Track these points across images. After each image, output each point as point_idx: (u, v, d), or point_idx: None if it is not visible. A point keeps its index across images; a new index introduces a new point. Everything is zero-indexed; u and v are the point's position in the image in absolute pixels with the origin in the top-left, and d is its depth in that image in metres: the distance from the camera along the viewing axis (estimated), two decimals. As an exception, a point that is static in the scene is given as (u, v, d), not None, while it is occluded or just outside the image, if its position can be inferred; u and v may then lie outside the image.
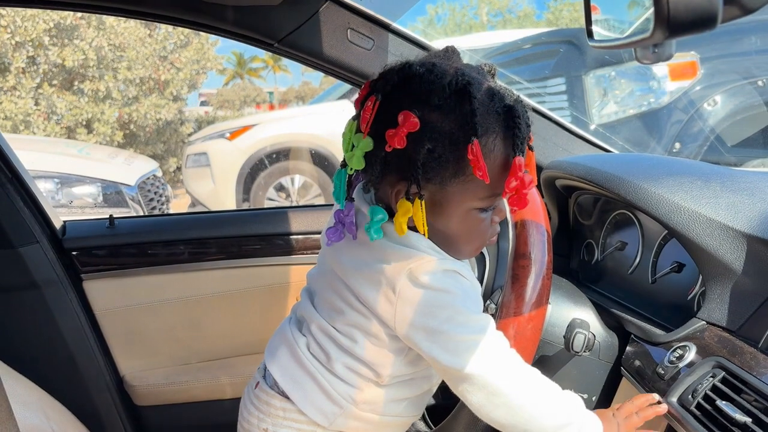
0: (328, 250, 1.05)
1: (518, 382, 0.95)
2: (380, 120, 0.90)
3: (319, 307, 1.05)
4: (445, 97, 0.89)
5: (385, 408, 1.05)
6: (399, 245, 0.95)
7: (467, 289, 0.95)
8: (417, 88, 0.90)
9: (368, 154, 0.92)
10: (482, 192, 0.93)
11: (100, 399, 1.79)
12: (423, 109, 0.88)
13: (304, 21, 1.47)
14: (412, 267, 0.92)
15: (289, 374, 1.05)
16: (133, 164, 5.18)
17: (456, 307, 0.93)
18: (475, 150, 0.86)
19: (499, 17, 17.18)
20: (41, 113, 8.82)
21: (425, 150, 0.88)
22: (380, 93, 0.91)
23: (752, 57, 3.87)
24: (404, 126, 0.87)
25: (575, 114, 4.05)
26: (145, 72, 9.50)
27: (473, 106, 0.88)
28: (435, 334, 0.92)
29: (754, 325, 0.99)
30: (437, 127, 0.89)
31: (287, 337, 1.08)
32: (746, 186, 1.14)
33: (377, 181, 0.94)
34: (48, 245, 1.74)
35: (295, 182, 5.84)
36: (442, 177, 0.91)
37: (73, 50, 8.77)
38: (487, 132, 0.89)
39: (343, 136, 0.96)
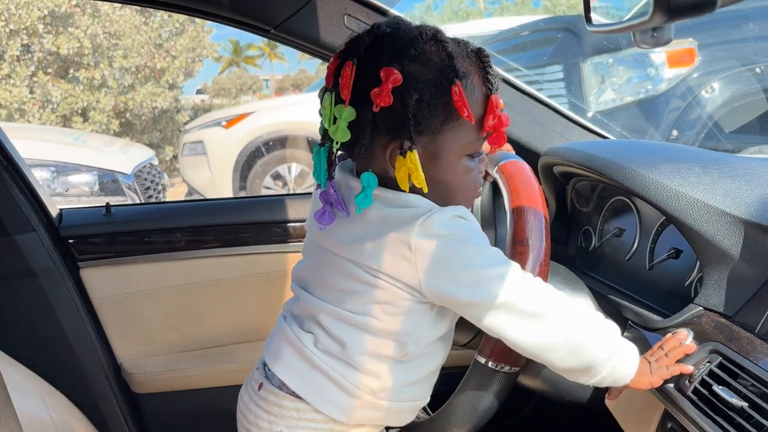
0: (320, 236, 1.03)
1: (551, 300, 0.96)
2: (359, 84, 0.91)
3: (323, 295, 1.03)
4: (420, 46, 0.91)
5: (402, 393, 1.04)
6: (399, 208, 0.95)
7: (474, 228, 0.97)
8: (390, 45, 0.92)
9: (352, 123, 0.92)
10: (471, 135, 0.95)
11: (97, 386, 1.80)
12: (402, 63, 0.90)
13: (301, 7, 1.46)
14: (422, 220, 0.93)
15: (299, 374, 1.02)
16: (129, 152, 5.17)
17: (473, 245, 0.94)
18: (458, 91, 0.90)
19: (497, 4, 17.10)
20: (36, 101, 8.78)
21: (413, 101, 0.90)
22: (355, 57, 0.92)
23: (750, 43, 3.85)
24: (388, 81, 0.89)
25: (573, 101, 4.04)
26: (140, 60, 9.45)
27: (448, 51, 0.92)
28: (461, 275, 0.93)
29: (750, 310, 1.00)
30: (420, 76, 0.90)
31: (289, 336, 1.05)
32: (744, 172, 1.14)
33: (368, 147, 0.93)
34: (44, 233, 1.74)
35: (292, 170, 5.83)
36: (434, 125, 0.93)
37: (68, 38, 8.72)
38: (465, 74, 0.92)
39: (323, 110, 0.96)
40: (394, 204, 0.96)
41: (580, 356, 0.96)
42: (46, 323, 1.75)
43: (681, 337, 1.02)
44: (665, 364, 1.00)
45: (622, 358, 0.98)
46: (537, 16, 8.97)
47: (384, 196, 0.96)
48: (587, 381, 0.99)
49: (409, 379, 1.04)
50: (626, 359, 0.98)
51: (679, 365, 0.99)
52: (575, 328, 0.96)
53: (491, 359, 1.07)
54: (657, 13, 0.56)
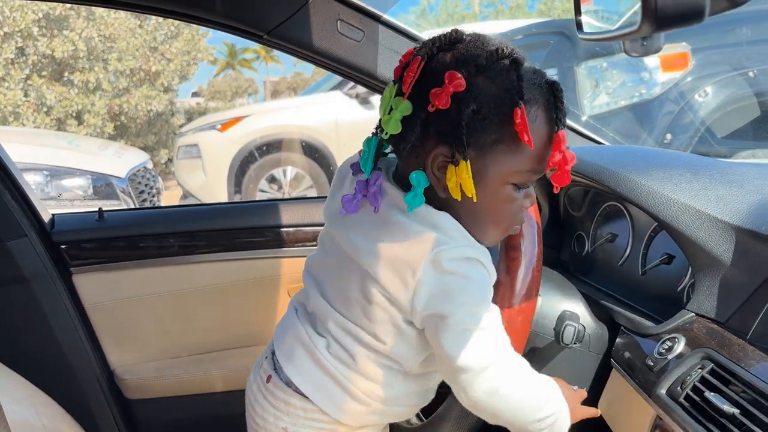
0: (338, 230, 1.01)
1: (518, 380, 0.97)
2: (423, 81, 0.89)
3: (333, 299, 1.02)
4: (493, 61, 0.89)
5: (411, 399, 1.05)
6: (424, 227, 0.92)
7: (485, 279, 0.94)
8: (464, 51, 0.90)
9: (406, 118, 0.90)
10: (521, 164, 0.91)
11: (90, 393, 1.79)
12: (469, 71, 0.88)
13: (294, 12, 1.46)
14: (436, 252, 0.90)
15: (311, 379, 1.02)
16: (123, 156, 5.15)
17: (472, 295, 0.92)
18: (521, 114, 0.86)
19: (492, 8, 17.14)
20: (30, 104, 8.75)
21: (470, 110, 0.87)
22: (425, 54, 0.90)
23: (743, 48, 3.87)
24: (450, 84, 0.87)
25: (566, 105, 4.04)
26: (135, 63, 9.43)
27: (520, 72, 0.89)
28: (447, 320, 0.91)
29: (742, 316, 1.00)
30: (483, 89, 0.88)
31: (302, 336, 1.04)
32: (735, 178, 1.14)
33: (414, 145, 0.91)
34: (36, 239, 1.73)
35: (287, 174, 5.82)
36: (483, 142, 0.89)
37: (63, 41, 8.70)
38: (531, 101, 0.89)
39: (382, 100, 0.94)
40: (418, 218, 0.93)
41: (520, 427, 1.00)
42: (38, 329, 1.75)
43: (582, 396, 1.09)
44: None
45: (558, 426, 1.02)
46: (532, 20, 8.99)
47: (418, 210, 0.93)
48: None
49: (418, 388, 1.05)
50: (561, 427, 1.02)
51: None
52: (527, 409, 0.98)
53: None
54: (645, 24, 0.56)
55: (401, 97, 0.90)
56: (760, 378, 0.88)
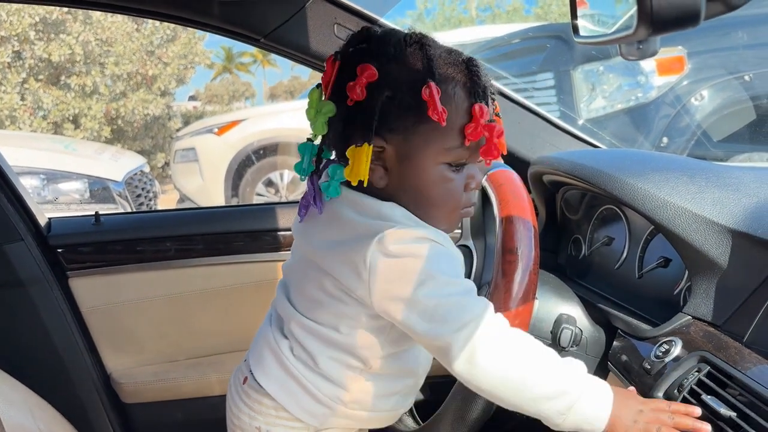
0: (300, 236, 1.05)
1: (502, 348, 0.90)
2: (341, 81, 0.92)
3: (296, 301, 1.04)
4: (401, 48, 0.92)
5: (374, 404, 1.05)
6: (371, 219, 0.94)
7: (440, 253, 0.92)
8: (374, 44, 0.94)
9: (331, 119, 0.94)
10: (447, 141, 0.92)
11: (86, 397, 1.78)
12: (381, 61, 0.91)
13: (291, 16, 1.46)
14: (379, 237, 0.90)
15: (275, 380, 1.04)
16: (120, 160, 5.15)
17: (427, 272, 0.90)
18: (430, 92, 0.88)
19: (488, 12, 17.17)
20: (27, 108, 8.74)
21: (384, 97, 0.90)
22: (340, 55, 0.94)
23: (739, 52, 3.89)
24: (363, 76, 0.90)
25: (563, 109, 4.06)
26: (132, 67, 9.44)
27: (428, 53, 0.91)
28: (409, 303, 0.90)
29: (739, 319, 1.00)
30: (395, 75, 0.91)
31: (269, 340, 1.07)
32: (731, 181, 1.14)
33: (340, 140, 0.94)
34: (33, 242, 1.73)
35: (284, 177, 5.82)
36: (405, 125, 0.92)
37: (60, 45, 8.70)
38: (446, 80, 0.91)
39: (308, 105, 0.96)
40: (366, 212, 0.95)
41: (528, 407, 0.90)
42: (35, 333, 1.74)
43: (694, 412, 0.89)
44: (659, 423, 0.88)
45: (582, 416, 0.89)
46: (528, 24, 9.02)
47: (359, 202, 0.95)
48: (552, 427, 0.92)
49: (382, 391, 1.04)
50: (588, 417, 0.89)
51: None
52: (524, 380, 0.89)
53: (481, 369, 1.06)
54: (641, 27, 0.56)
55: (324, 99, 0.94)
56: (757, 381, 0.88)
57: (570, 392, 0.89)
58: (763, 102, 3.63)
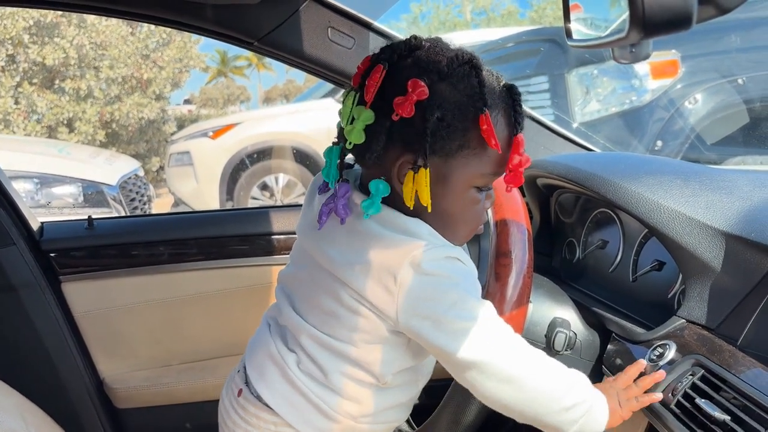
0: (311, 243, 1.01)
1: (528, 365, 0.94)
2: (385, 90, 0.89)
3: (305, 312, 1.01)
4: (453, 67, 0.89)
5: (381, 416, 1.03)
6: (397, 233, 0.92)
7: (468, 274, 0.94)
8: (425, 58, 0.90)
9: (369, 127, 0.90)
10: (485, 167, 0.92)
11: (79, 402, 1.77)
12: (432, 78, 0.88)
13: (284, 20, 1.46)
14: (414, 254, 0.89)
15: (281, 395, 1.01)
16: (114, 164, 5.14)
17: (460, 293, 0.91)
18: (487, 120, 0.87)
19: (483, 15, 17.23)
20: (21, 112, 8.71)
21: (434, 118, 0.87)
22: (387, 62, 0.90)
23: (733, 55, 3.90)
24: (414, 93, 0.86)
25: (557, 113, 4.06)
26: (127, 71, 9.42)
27: (481, 78, 0.89)
28: (440, 322, 0.90)
29: (732, 323, 1.00)
30: (446, 96, 0.88)
31: (272, 352, 1.03)
32: (725, 185, 1.14)
33: (380, 154, 0.91)
34: (25, 247, 1.72)
35: (279, 181, 5.82)
36: (449, 149, 0.90)
37: (54, 48, 8.68)
38: (492, 106, 0.90)
39: (342, 110, 0.94)
40: (391, 226, 0.93)
41: (548, 419, 0.96)
42: (27, 338, 1.73)
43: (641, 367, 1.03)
44: (634, 394, 1.00)
45: (592, 418, 0.97)
46: (523, 28, 9.04)
47: (384, 216, 0.94)
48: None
49: (389, 403, 1.03)
50: (596, 419, 0.97)
51: (648, 395, 0.99)
52: (548, 394, 0.94)
53: (475, 373, 1.06)
54: (633, 31, 0.56)
55: (363, 106, 0.90)
56: (751, 384, 0.88)
57: (584, 402, 0.96)
58: (756, 105, 3.64)
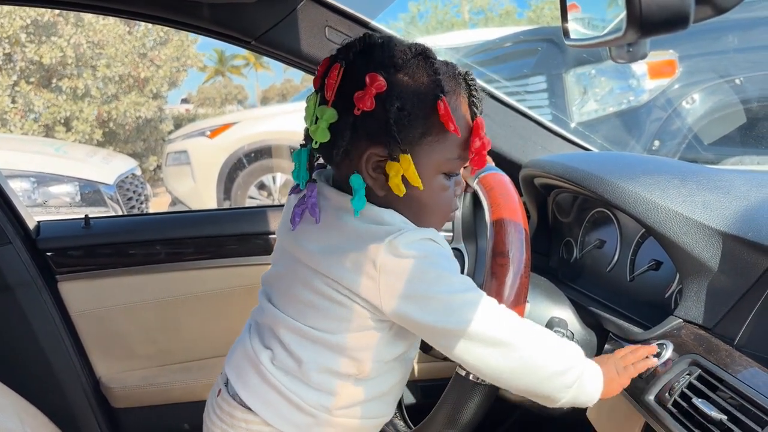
0: (290, 244, 1.03)
1: (515, 329, 0.95)
2: (345, 87, 0.92)
3: (283, 306, 1.02)
4: (408, 58, 0.93)
5: (358, 410, 1.03)
6: (372, 224, 0.94)
7: (444, 253, 0.96)
8: (379, 53, 0.94)
9: (333, 125, 0.92)
10: (449, 152, 0.95)
11: (76, 402, 1.77)
12: (389, 71, 0.91)
13: (282, 18, 1.46)
14: (390, 239, 0.91)
15: (255, 393, 1.02)
16: (111, 163, 5.13)
17: (439, 270, 0.93)
18: (445, 105, 0.90)
19: (481, 15, 17.24)
20: (18, 111, 8.70)
21: (395, 108, 0.90)
22: (343, 61, 0.93)
23: (730, 55, 3.90)
24: (372, 86, 0.90)
25: (555, 113, 4.07)
26: (124, 69, 9.41)
27: (435, 66, 0.93)
28: (425, 300, 0.92)
29: (729, 322, 1.00)
30: (404, 86, 0.91)
31: (248, 351, 1.05)
32: (722, 184, 1.14)
33: (347, 150, 0.93)
34: (21, 246, 1.71)
35: (277, 180, 5.81)
36: (412, 137, 0.92)
37: (51, 47, 8.66)
38: (450, 93, 0.93)
39: (306, 110, 0.96)
40: (366, 218, 0.95)
41: (541, 386, 0.96)
42: (23, 338, 1.73)
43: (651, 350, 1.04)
44: (630, 361, 1.02)
45: (586, 384, 0.98)
46: (521, 27, 9.05)
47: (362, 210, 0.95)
48: (549, 405, 0.99)
49: (365, 396, 1.03)
50: (589, 385, 0.98)
51: (644, 361, 1.01)
52: (538, 359, 0.95)
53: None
54: (630, 30, 0.56)
55: (325, 105, 0.93)
56: (747, 384, 0.88)
57: (575, 367, 0.97)
58: (753, 105, 3.65)
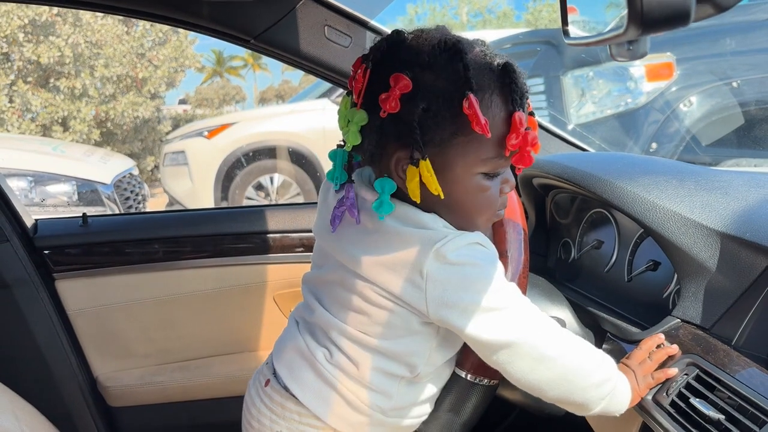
0: (331, 244, 1.01)
1: (558, 342, 0.94)
2: (373, 89, 0.89)
3: (335, 310, 1.01)
4: (435, 55, 0.88)
5: (410, 411, 1.04)
6: (417, 228, 0.92)
7: (492, 258, 0.93)
8: (406, 51, 0.90)
9: (364, 128, 0.90)
10: (484, 152, 0.90)
11: (72, 400, 1.76)
12: (414, 70, 0.87)
13: (281, 17, 1.46)
14: (437, 246, 0.89)
15: (310, 388, 1.01)
16: (109, 162, 5.12)
17: (487, 278, 0.91)
18: (470, 104, 0.84)
19: (479, 17, 17.28)
20: (16, 111, 8.69)
21: (420, 110, 0.87)
22: (370, 62, 0.90)
23: (727, 58, 3.91)
24: (396, 87, 0.86)
25: (553, 114, 4.07)
26: (122, 69, 9.40)
27: (465, 62, 0.87)
28: (470, 309, 0.90)
29: (727, 322, 1.00)
30: (430, 85, 0.87)
31: (301, 348, 1.04)
32: (720, 185, 1.15)
33: (376, 153, 0.92)
34: (18, 244, 1.71)
35: (274, 181, 5.81)
36: (441, 137, 0.88)
37: (49, 47, 8.66)
38: (483, 88, 0.88)
39: (339, 113, 0.94)
40: (409, 222, 0.93)
41: (576, 396, 0.96)
42: (20, 336, 1.72)
43: (659, 340, 1.04)
44: (649, 371, 1.01)
45: (618, 395, 0.98)
46: (518, 30, 9.07)
47: (399, 212, 0.93)
48: (580, 413, 0.99)
49: (420, 397, 1.04)
50: (621, 395, 0.98)
51: (663, 371, 1.00)
52: (579, 371, 0.95)
53: (470, 372, 1.06)
54: (631, 27, 0.56)
55: (355, 108, 0.91)
56: (745, 384, 0.89)
57: (611, 378, 0.97)
58: (751, 108, 3.66)
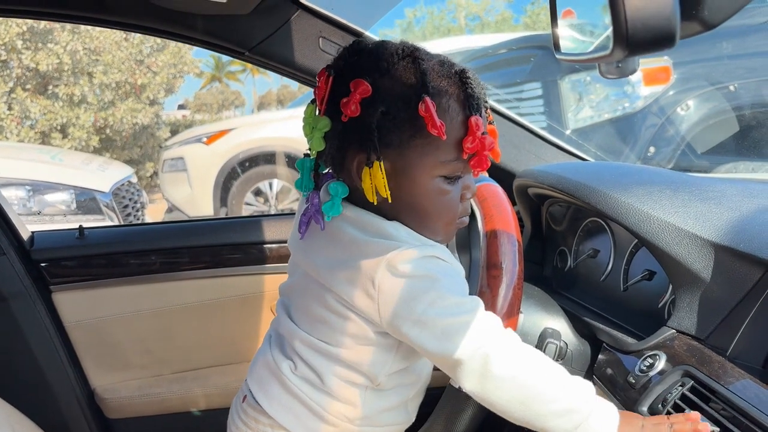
0: (299, 254, 1.04)
1: (516, 364, 0.90)
2: (335, 96, 0.92)
3: (298, 319, 1.03)
4: (394, 62, 0.92)
5: (378, 419, 1.04)
6: (375, 237, 0.93)
7: (448, 272, 0.94)
8: (367, 59, 0.94)
9: (327, 134, 0.94)
10: (443, 155, 0.92)
11: (70, 413, 1.76)
12: (374, 76, 0.91)
13: (275, 30, 1.46)
14: (389, 257, 0.90)
15: (277, 401, 1.03)
16: (107, 170, 5.11)
17: (438, 291, 0.91)
18: (426, 106, 0.87)
19: (477, 21, 17.30)
20: (14, 118, 8.69)
21: (379, 113, 0.90)
22: (332, 70, 0.94)
23: (725, 62, 3.92)
24: (357, 92, 0.90)
25: (550, 120, 4.08)
26: (121, 76, 9.40)
27: (422, 68, 0.91)
28: (422, 321, 0.90)
29: (722, 333, 1.00)
30: (389, 89, 0.91)
31: (269, 361, 1.05)
32: (714, 195, 1.15)
33: (337, 157, 0.94)
34: (15, 257, 1.71)
35: (274, 186, 5.81)
36: (400, 139, 0.91)
37: (47, 54, 8.65)
38: (440, 93, 0.91)
39: (303, 122, 0.97)
40: (369, 231, 0.94)
41: (537, 423, 0.91)
42: (17, 348, 1.72)
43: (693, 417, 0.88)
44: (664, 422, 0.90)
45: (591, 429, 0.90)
46: (517, 34, 9.07)
47: (361, 220, 0.95)
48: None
49: (385, 405, 1.03)
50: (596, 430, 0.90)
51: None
52: (536, 397, 0.90)
53: (465, 384, 1.06)
54: (617, 48, 0.56)
55: (318, 115, 0.94)
56: (740, 395, 0.88)
57: (579, 411, 0.90)
58: (748, 112, 3.66)
